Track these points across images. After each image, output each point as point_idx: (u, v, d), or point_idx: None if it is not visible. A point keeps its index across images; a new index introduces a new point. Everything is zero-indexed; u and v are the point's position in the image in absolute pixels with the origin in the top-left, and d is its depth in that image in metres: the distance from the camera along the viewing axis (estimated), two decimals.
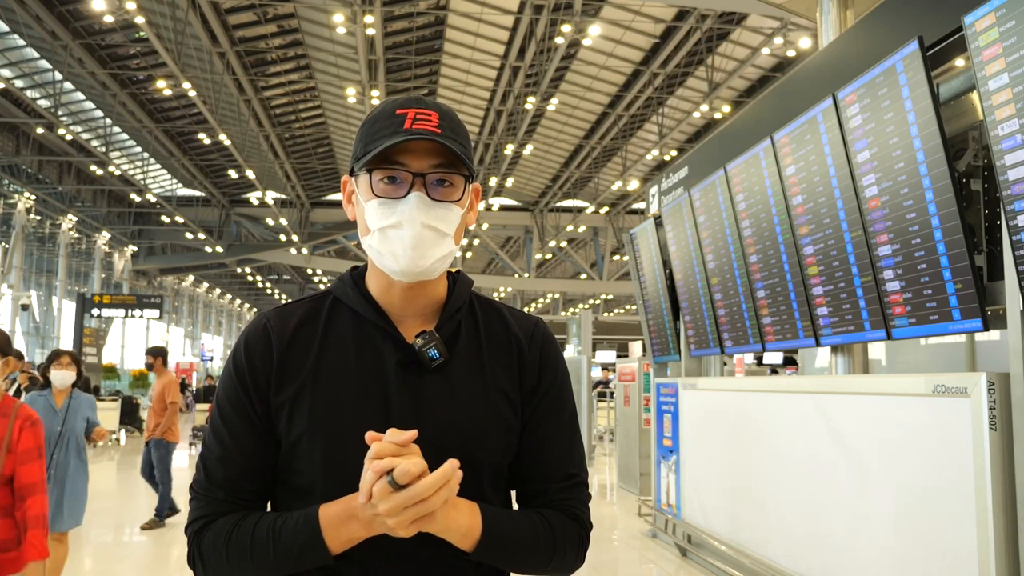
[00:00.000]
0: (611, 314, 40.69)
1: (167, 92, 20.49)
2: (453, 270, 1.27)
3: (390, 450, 0.98)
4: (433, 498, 0.97)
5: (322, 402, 1.12)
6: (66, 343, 26.57)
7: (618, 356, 19.03)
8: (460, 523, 1.06)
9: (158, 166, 29.11)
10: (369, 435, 1.01)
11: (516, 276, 32.72)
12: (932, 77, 3.31)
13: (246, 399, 1.14)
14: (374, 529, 1.03)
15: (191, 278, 40.45)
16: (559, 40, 15.96)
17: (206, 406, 16.31)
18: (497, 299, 1.67)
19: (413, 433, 1.00)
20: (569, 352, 20.68)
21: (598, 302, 41.19)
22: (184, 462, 12.74)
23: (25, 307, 24.12)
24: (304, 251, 31.52)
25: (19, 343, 24.86)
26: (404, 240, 1.10)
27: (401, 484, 0.96)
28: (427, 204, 1.10)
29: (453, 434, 1.12)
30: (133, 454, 13.41)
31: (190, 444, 14.97)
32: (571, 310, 42.65)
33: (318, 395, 1.13)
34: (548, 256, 34.73)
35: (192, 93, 17.69)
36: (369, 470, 0.98)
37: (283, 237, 31.74)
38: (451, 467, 0.98)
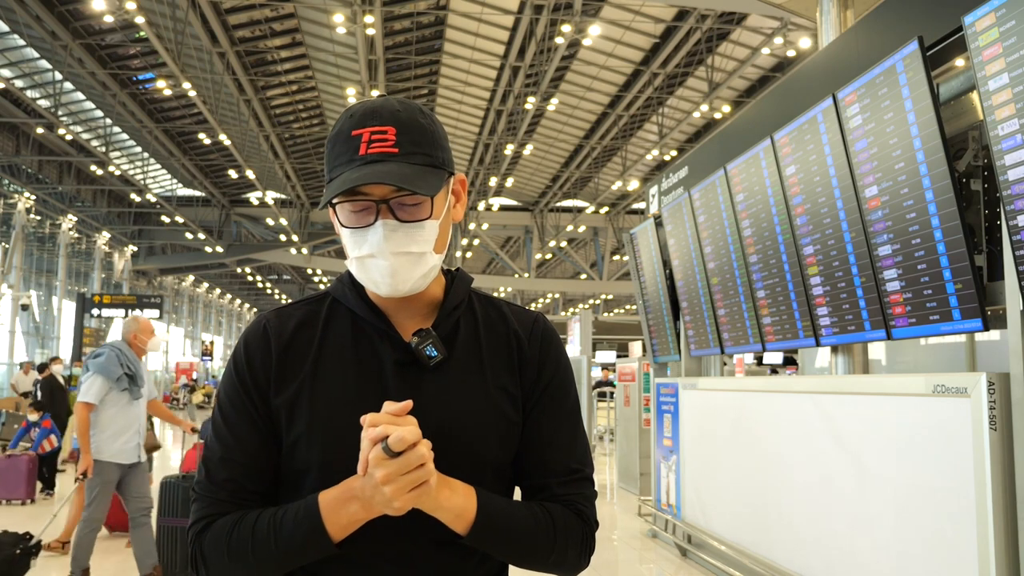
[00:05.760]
0: (611, 314, 40.68)
1: (167, 92, 20.49)
2: (452, 268, 1.26)
3: (385, 419, 0.99)
4: (429, 464, 0.99)
5: (320, 403, 1.12)
6: (66, 343, 26.54)
7: (618, 356, 19.02)
8: (454, 503, 1.06)
9: (158, 166, 29.09)
10: (366, 416, 1.02)
11: (516, 276, 32.71)
12: (932, 77, 3.30)
13: (247, 399, 1.15)
14: (373, 509, 1.03)
15: (191, 278, 40.43)
16: (559, 40, 15.94)
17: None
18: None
19: (408, 404, 1.01)
20: (569, 352, 20.63)
21: (598, 302, 41.18)
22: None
23: (25, 307, 24.08)
24: (304, 251, 31.50)
25: (19, 343, 24.87)
26: (381, 269, 1.09)
27: (396, 451, 0.97)
28: (396, 230, 1.08)
29: (454, 432, 1.11)
30: None
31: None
32: (571, 310, 42.62)
33: (316, 396, 1.13)
34: (548, 256, 34.71)
35: (192, 93, 17.68)
36: (365, 439, 0.99)
37: (283, 237, 31.72)
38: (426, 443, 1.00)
